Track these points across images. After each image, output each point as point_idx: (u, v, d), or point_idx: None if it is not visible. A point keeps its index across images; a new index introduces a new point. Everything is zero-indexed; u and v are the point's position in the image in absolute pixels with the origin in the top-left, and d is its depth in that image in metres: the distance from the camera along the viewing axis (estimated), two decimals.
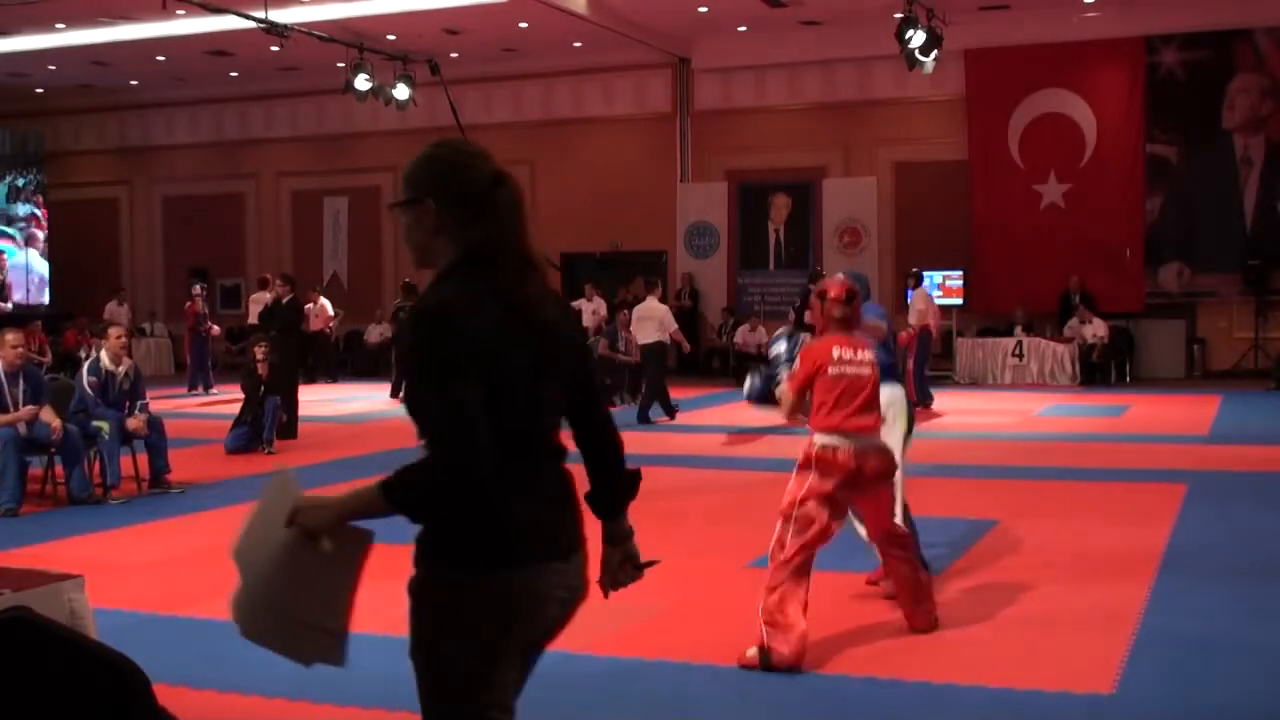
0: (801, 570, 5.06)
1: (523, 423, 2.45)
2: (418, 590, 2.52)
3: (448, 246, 2.49)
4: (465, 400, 2.33)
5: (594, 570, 2.68)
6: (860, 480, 5.17)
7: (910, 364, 13.84)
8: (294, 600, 2.49)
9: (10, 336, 9.07)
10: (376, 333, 21.90)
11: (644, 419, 14.09)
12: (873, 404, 5.28)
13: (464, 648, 2.47)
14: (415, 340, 2.40)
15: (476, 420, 2.33)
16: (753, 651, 4.96)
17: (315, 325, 19.01)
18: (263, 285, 18.82)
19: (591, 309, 18.29)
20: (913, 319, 14.95)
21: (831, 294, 5.37)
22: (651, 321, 14.50)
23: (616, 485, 2.73)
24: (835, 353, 5.24)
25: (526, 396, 2.45)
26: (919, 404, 14.16)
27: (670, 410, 14.43)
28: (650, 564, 2.78)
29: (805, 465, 5.20)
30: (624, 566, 2.76)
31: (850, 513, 5.49)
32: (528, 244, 2.51)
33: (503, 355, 2.41)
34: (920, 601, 5.44)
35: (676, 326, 14.73)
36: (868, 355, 5.33)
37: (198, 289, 19.57)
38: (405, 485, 2.36)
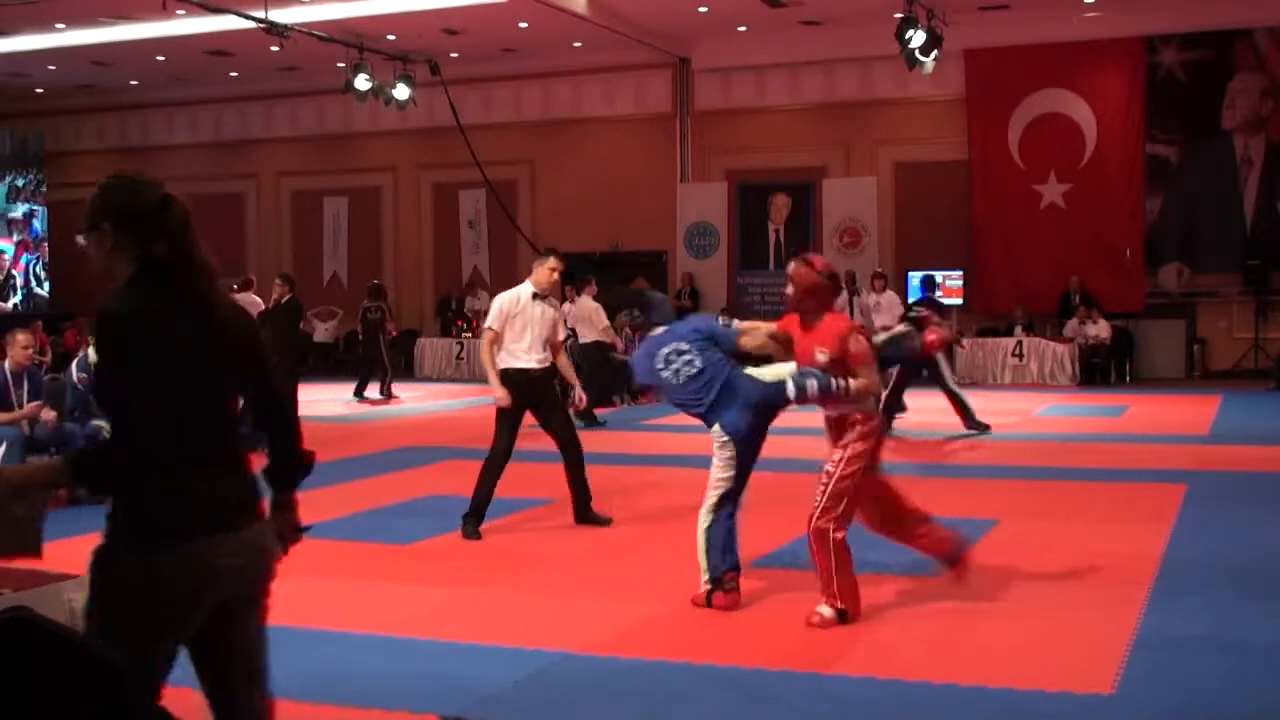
0: None
1: (200, 408, 2.84)
2: (99, 560, 2.84)
3: (125, 263, 2.91)
4: (141, 390, 2.72)
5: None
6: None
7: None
8: None
9: (21, 336, 9.11)
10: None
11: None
12: None
13: (129, 617, 2.78)
14: (99, 339, 2.85)
15: (150, 407, 2.72)
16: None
17: None
18: (247, 286, 18.55)
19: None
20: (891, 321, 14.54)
21: None
22: (584, 321, 14.51)
23: (287, 464, 3.12)
24: None
25: (203, 385, 2.84)
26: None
27: (593, 419, 13.63)
28: (308, 529, 3.22)
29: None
30: (288, 530, 3.14)
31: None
32: (201, 253, 2.93)
33: (179, 348, 2.80)
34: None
35: (608, 324, 14.56)
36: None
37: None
38: (89, 463, 2.85)
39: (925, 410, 14.27)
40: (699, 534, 5.94)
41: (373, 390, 17.48)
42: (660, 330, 6.24)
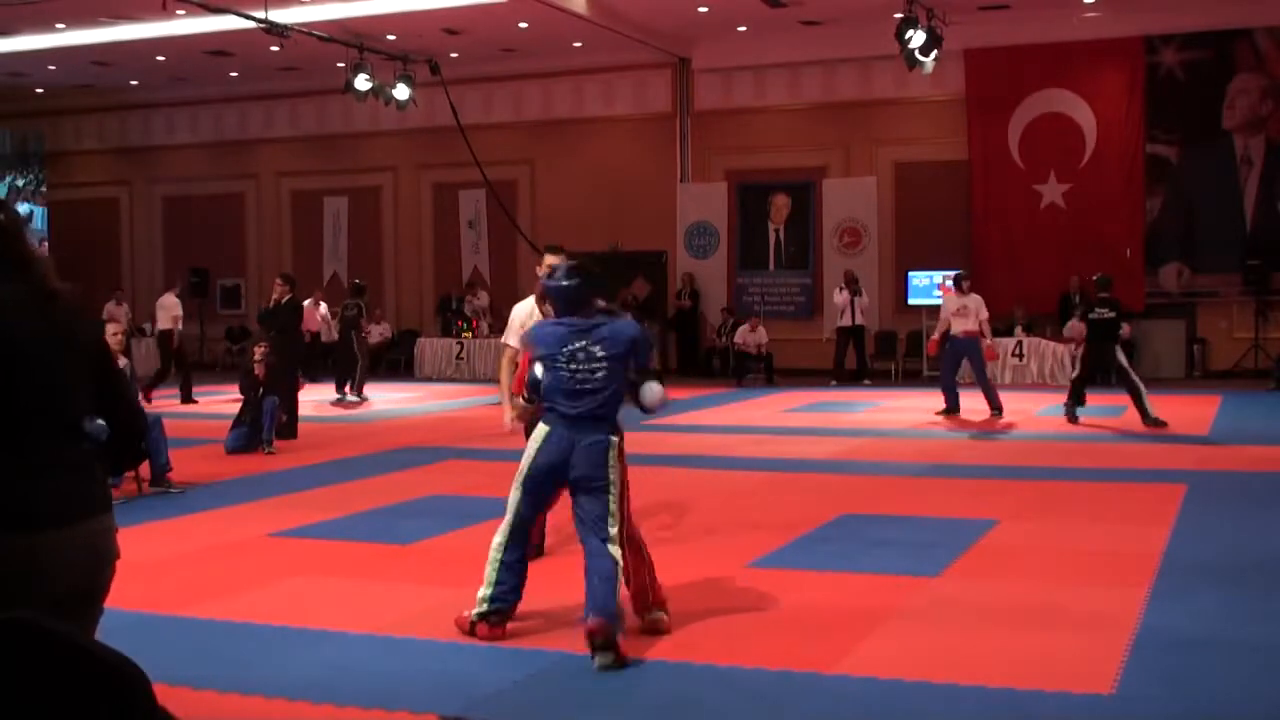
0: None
1: (39, 403, 2.87)
2: None
3: None
4: None
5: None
6: None
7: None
8: None
9: None
10: (376, 333, 21.89)
11: None
12: None
13: None
14: None
15: None
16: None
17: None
18: (169, 287, 18.78)
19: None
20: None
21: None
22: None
23: (115, 458, 3.22)
24: None
25: (42, 381, 2.88)
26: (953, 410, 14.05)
27: None
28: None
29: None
30: None
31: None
32: (32, 252, 2.98)
33: (18, 346, 2.83)
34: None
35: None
36: None
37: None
38: None
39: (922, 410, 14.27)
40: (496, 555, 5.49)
41: (351, 391, 17.37)
42: (575, 319, 5.62)
